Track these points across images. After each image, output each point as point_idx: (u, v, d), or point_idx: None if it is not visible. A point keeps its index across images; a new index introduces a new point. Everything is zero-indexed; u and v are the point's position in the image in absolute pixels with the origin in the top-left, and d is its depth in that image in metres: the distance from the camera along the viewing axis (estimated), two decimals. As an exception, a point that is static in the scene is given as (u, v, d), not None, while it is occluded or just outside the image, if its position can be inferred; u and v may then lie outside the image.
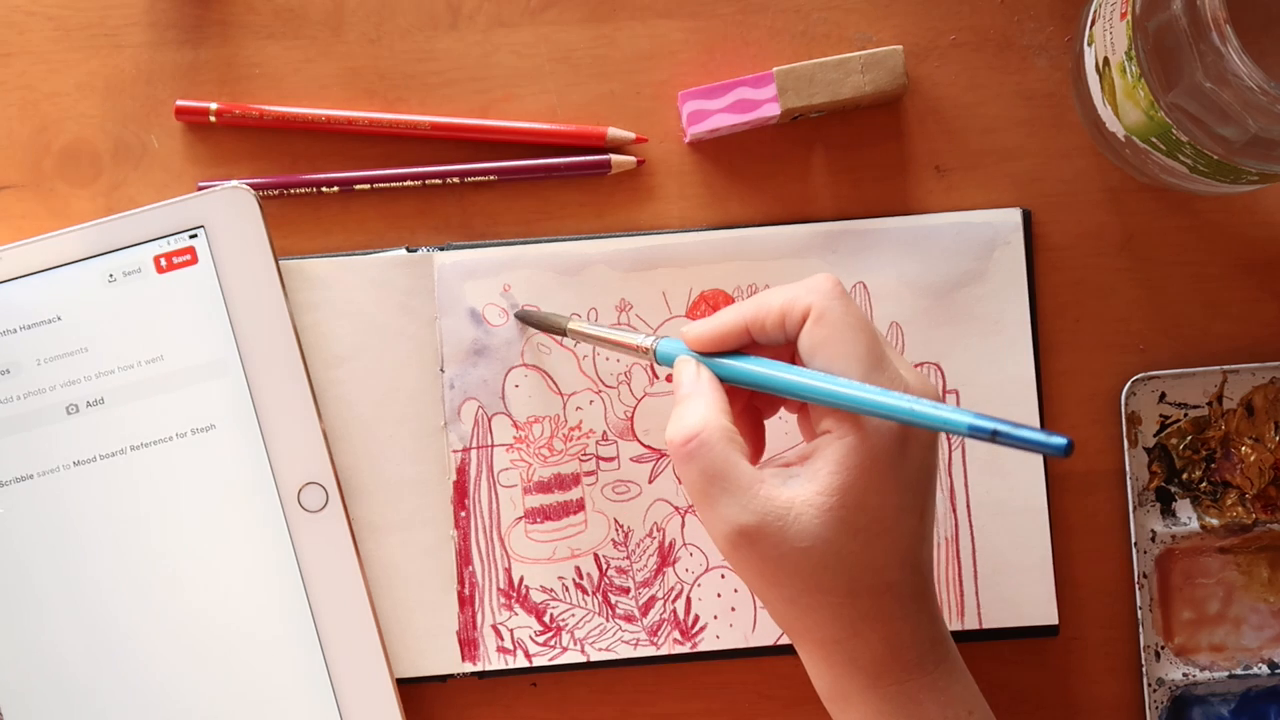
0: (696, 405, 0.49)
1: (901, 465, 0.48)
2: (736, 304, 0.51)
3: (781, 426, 0.56)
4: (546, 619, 0.59)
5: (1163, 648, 0.59)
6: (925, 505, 0.49)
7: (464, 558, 0.59)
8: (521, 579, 0.59)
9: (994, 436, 0.43)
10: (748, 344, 0.51)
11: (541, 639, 0.59)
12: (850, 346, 0.48)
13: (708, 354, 0.51)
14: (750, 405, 0.54)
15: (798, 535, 0.47)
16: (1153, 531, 0.59)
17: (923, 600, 0.49)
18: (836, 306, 0.49)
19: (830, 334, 0.48)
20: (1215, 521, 0.59)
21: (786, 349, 0.51)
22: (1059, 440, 0.42)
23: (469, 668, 0.59)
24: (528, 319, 0.59)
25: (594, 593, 0.59)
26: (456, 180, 0.60)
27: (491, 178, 0.60)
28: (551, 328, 0.58)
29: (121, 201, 0.60)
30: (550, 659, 0.59)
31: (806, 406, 0.52)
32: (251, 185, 0.58)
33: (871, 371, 0.48)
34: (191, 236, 0.58)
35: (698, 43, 0.61)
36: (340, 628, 0.58)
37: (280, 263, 0.58)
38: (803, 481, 0.48)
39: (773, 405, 0.54)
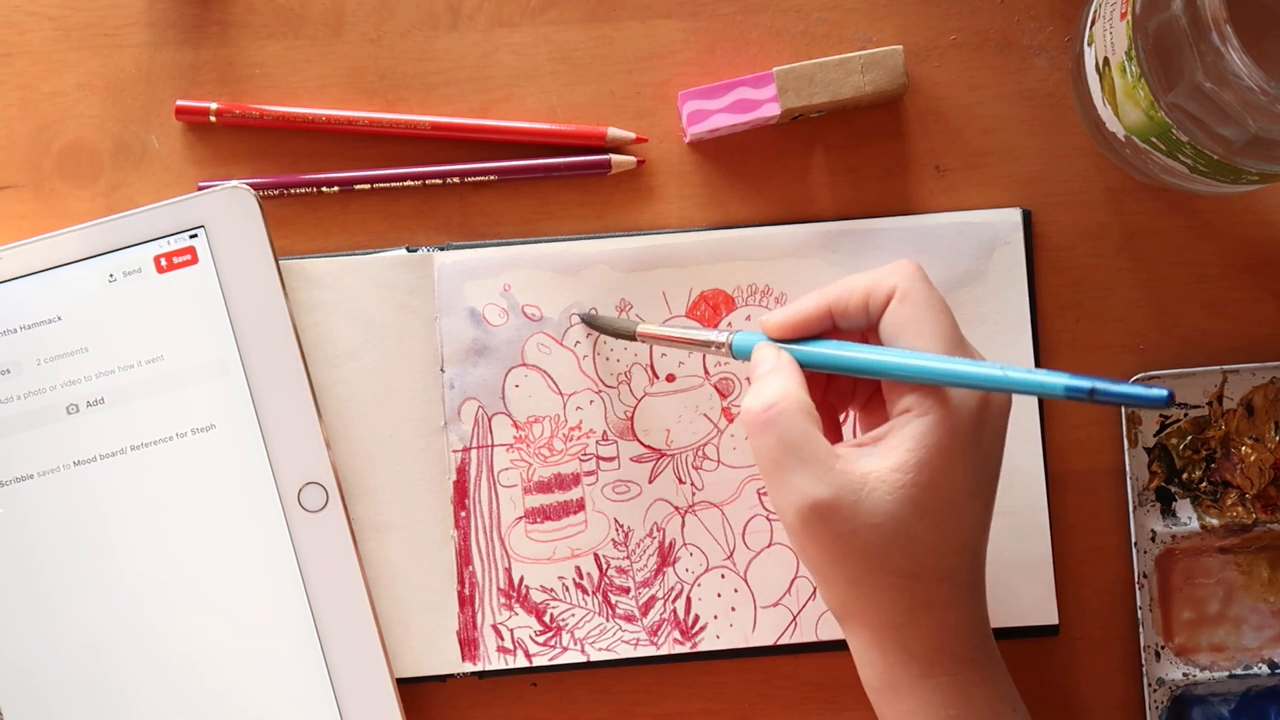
0: (775, 379, 0.49)
1: (976, 449, 0.48)
2: (817, 290, 0.51)
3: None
4: (546, 619, 0.59)
5: (1163, 648, 0.59)
6: (990, 493, 0.50)
7: (464, 558, 0.59)
8: (521, 579, 0.59)
9: (1092, 395, 0.44)
10: (828, 329, 0.51)
11: (541, 639, 0.59)
12: (934, 325, 0.49)
13: (787, 341, 0.51)
14: (824, 401, 0.54)
15: (870, 511, 0.47)
16: (1153, 531, 0.59)
17: (976, 591, 0.50)
18: (921, 288, 0.49)
19: (914, 313, 0.49)
20: (1215, 521, 0.59)
21: (862, 336, 0.51)
22: (1159, 393, 0.43)
23: (469, 668, 0.59)
24: (593, 323, 0.59)
25: (594, 593, 0.59)
26: (456, 180, 0.60)
27: (491, 178, 0.60)
28: (619, 333, 0.58)
29: (121, 201, 0.60)
30: (550, 659, 0.59)
31: (874, 400, 0.52)
32: (251, 185, 0.58)
33: (954, 350, 0.48)
34: (191, 236, 0.58)
35: (698, 43, 0.61)
36: (340, 628, 0.58)
37: (280, 263, 0.58)
38: (878, 458, 0.48)
39: (846, 400, 0.54)
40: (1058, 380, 0.45)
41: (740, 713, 0.60)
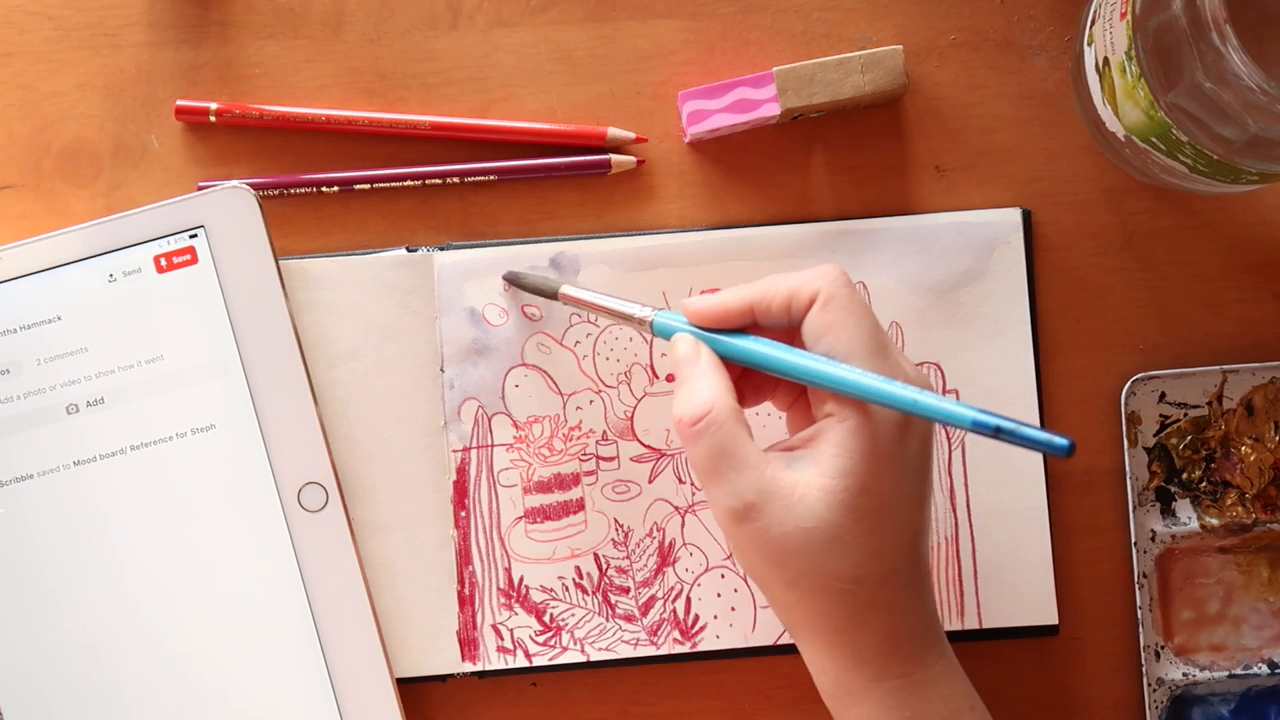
0: (704, 384, 0.49)
1: (903, 452, 0.48)
2: (742, 285, 0.51)
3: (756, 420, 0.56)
4: (546, 619, 0.59)
5: (1163, 647, 0.59)
6: (924, 494, 0.49)
7: (464, 558, 0.59)
8: (521, 579, 0.59)
9: (997, 433, 0.44)
10: (749, 325, 0.51)
11: (541, 639, 0.59)
12: (855, 333, 0.49)
13: (708, 330, 0.51)
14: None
15: (802, 515, 0.47)
16: (1153, 531, 0.59)
17: (923, 592, 0.50)
18: (844, 293, 0.49)
19: (836, 319, 0.49)
20: (1215, 521, 0.59)
21: (785, 335, 0.51)
22: (1061, 441, 0.43)
23: (469, 668, 0.59)
24: (517, 281, 0.58)
25: (594, 592, 0.59)
26: (456, 180, 0.60)
27: (491, 178, 0.60)
28: (542, 291, 0.57)
29: (121, 201, 0.60)
30: (550, 659, 0.59)
31: (801, 400, 0.52)
32: (251, 185, 0.58)
33: (873, 358, 0.48)
34: (191, 236, 0.58)
35: (698, 43, 0.61)
36: (340, 628, 0.58)
37: (280, 263, 0.58)
38: (807, 465, 0.48)
39: (757, 395, 0.54)
40: (966, 413, 0.45)
41: (740, 713, 0.60)
